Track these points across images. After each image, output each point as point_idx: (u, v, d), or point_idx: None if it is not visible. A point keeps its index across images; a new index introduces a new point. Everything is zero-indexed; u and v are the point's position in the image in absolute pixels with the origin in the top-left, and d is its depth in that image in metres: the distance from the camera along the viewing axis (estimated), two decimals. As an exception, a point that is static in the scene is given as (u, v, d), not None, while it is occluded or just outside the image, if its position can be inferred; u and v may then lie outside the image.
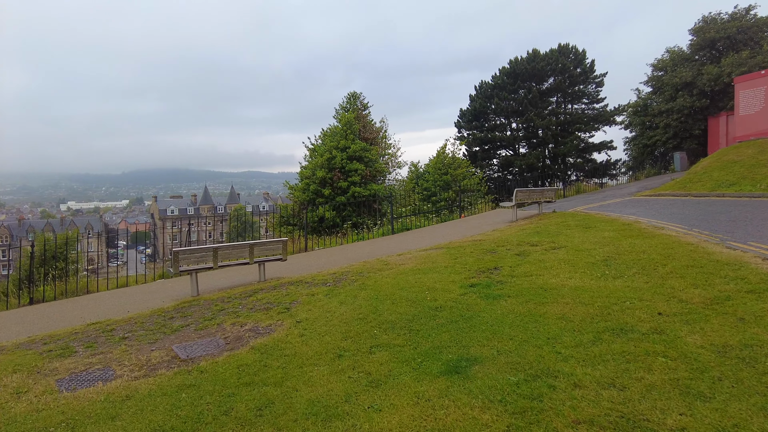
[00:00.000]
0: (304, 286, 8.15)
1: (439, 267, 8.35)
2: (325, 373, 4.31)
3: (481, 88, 48.27)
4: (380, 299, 6.55)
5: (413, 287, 7.06)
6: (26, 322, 8.07)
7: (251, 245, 9.10)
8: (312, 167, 22.37)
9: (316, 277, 8.77)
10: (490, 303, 5.96)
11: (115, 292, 10.20)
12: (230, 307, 7.20)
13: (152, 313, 7.52)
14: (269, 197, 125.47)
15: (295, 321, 5.97)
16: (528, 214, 15.59)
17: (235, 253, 9.00)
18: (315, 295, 7.24)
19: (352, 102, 25.30)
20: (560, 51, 46.60)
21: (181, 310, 7.40)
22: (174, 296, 8.95)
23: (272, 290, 8.10)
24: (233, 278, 10.11)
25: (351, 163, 21.63)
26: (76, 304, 9.23)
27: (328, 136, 22.74)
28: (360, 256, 11.58)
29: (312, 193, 21.96)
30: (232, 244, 8.90)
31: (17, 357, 5.59)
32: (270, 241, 9.39)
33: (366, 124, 24.62)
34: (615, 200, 17.90)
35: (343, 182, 21.41)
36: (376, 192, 21.93)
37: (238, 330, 5.97)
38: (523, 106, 44.94)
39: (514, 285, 6.69)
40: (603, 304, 5.57)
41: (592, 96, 46.28)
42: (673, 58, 32.51)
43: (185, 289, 9.58)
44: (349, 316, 5.91)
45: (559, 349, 4.45)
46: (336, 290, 7.42)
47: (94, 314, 8.13)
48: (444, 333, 5.07)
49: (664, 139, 31.28)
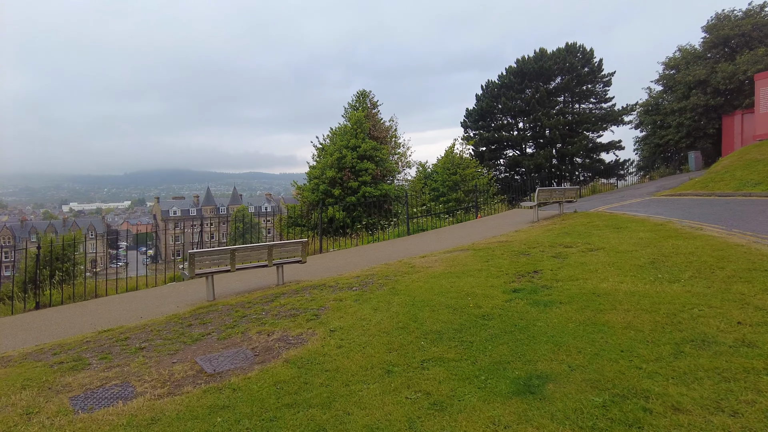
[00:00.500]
0: (328, 290, 7.64)
1: (472, 270, 7.83)
2: (376, 393, 3.79)
3: (488, 87, 47.78)
4: (417, 306, 6.03)
5: (450, 292, 6.54)
6: (33, 329, 7.56)
7: (270, 247, 8.59)
8: (321, 167, 21.87)
9: (339, 281, 8.26)
10: (542, 310, 5.44)
11: (125, 296, 9.69)
12: (252, 313, 6.68)
13: (168, 319, 7.01)
14: (272, 198, 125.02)
15: (329, 330, 5.45)
16: (548, 214, 15.07)
17: (253, 255, 8.50)
18: (343, 301, 6.73)
19: (361, 100, 24.80)
20: (568, 50, 46.11)
21: (198, 317, 6.89)
22: (188, 301, 8.45)
23: (294, 295, 7.59)
24: (250, 281, 9.60)
25: (361, 163, 21.13)
26: (84, 309, 8.72)
27: (337, 135, 22.23)
28: (379, 258, 11.07)
29: (321, 193, 21.45)
30: (250, 246, 8.39)
31: (26, 370, 5.09)
32: (289, 242, 8.88)
33: (376, 122, 24.11)
34: (635, 200, 17.38)
35: (353, 182, 20.90)
36: (387, 192, 21.42)
37: (265, 339, 5.46)
38: (531, 105, 44.44)
39: (562, 290, 6.17)
40: (669, 311, 5.05)
41: (599, 95, 45.76)
42: (685, 57, 31.96)
43: (199, 292, 9.07)
44: (387, 325, 5.40)
45: (639, 364, 3.93)
46: (365, 295, 6.90)
47: (105, 320, 7.62)
48: (501, 345, 4.55)
49: (676, 138, 30.71)
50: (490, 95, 46.75)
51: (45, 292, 9.61)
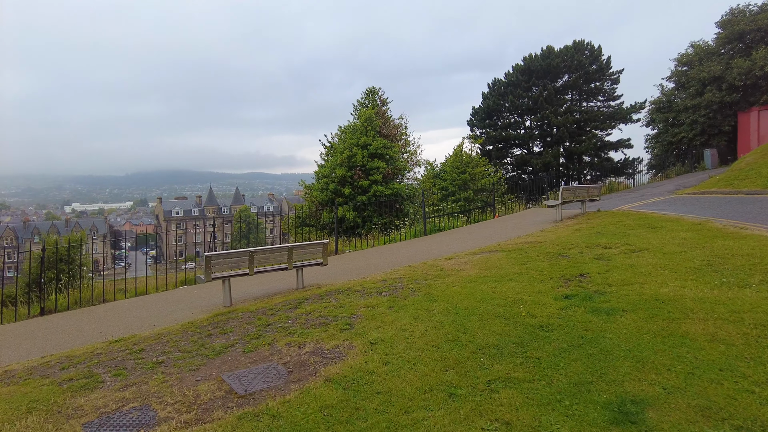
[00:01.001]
0: (356, 295, 7.07)
1: (511, 274, 7.26)
2: (445, 423, 3.22)
3: (495, 85, 47.22)
4: (462, 314, 5.47)
5: (494, 299, 5.97)
6: (38, 338, 7.01)
7: (290, 249, 8.03)
8: (331, 165, 21.31)
9: (365, 285, 7.69)
10: (606, 320, 4.87)
11: (134, 301, 9.14)
12: (277, 322, 6.12)
13: (183, 327, 6.45)
14: (274, 198, 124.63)
15: (368, 342, 4.88)
16: (571, 213, 14.49)
17: (272, 258, 7.93)
18: (375, 308, 6.16)
19: (370, 98, 24.23)
20: (575, 47, 45.50)
21: (217, 325, 6.33)
22: (203, 306, 7.89)
23: (319, 300, 7.02)
24: (267, 285, 9.04)
25: (372, 161, 20.56)
26: (92, 315, 8.17)
27: (347, 133, 21.67)
28: (401, 259, 10.50)
29: (331, 192, 20.89)
30: (270, 248, 7.83)
31: (32, 389, 4.53)
32: (309, 244, 8.31)
33: (386, 120, 23.54)
34: (656, 198, 16.78)
35: (364, 181, 20.33)
36: (399, 191, 20.86)
37: (297, 353, 4.90)
38: (539, 103, 43.85)
39: (620, 296, 5.59)
40: (755, 321, 4.48)
41: (607, 93, 45.16)
42: (698, 53, 31.35)
43: (214, 297, 8.51)
44: (434, 337, 4.83)
45: (749, 387, 3.36)
46: (399, 302, 6.34)
47: (115, 329, 7.07)
48: (574, 362, 3.98)
49: (690, 135, 30.09)
50: (496, 93, 46.18)
51: (50, 297, 9.07)
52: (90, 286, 9.37)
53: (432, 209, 20.71)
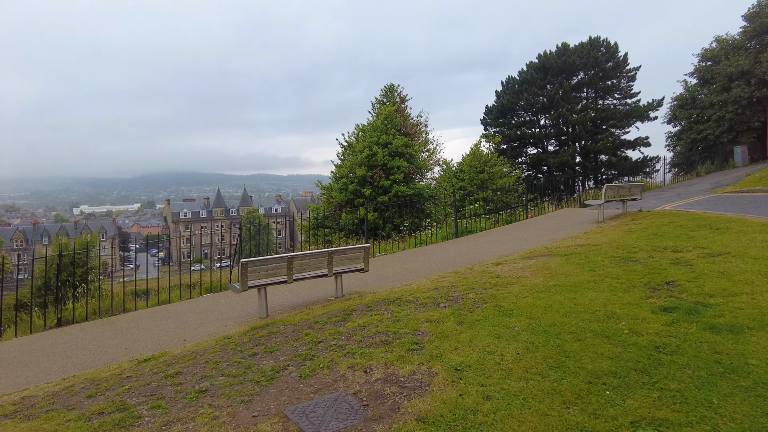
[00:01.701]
0: (409, 306, 6.30)
1: (582, 282, 6.46)
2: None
3: (508, 83, 46.41)
4: (551, 332, 4.69)
5: (580, 312, 5.19)
6: (57, 354, 6.31)
7: (330, 254, 7.28)
8: (350, 165, 20.57)
9: (416, 294, 6.92)
10: (733, 340, 4.07)
11: (157, 310, 8.43)
12: (328, 338, 5.36)
13: (220, 344, 5.71)
14: (281, 199, 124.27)
15: (451, 368, 4.11)
16: (612, 213, 13.66)
17: (312, 264, 7.18)
18: (440, 323, 5.39)
19: (389, 95, 23.48)
20: (591, 44, 44.61)
21: (259, 341, 5.59)
22: (236, 318, 7.16)
23: (368, 312, 6.26)
24: (302, 293, 8.30)
25: (393, 160, 19.80)
26: (114, 327, 7.46)
27: (367, 132, 20.93)
28: (441, 264, 9.73)
29: (350, 193, 20.16)
30: (309, 253, 7.08)
31: (56, 425, 3.80)
32: (351, 248, 7.56)
33: (405, 118, 22.78)
34: (697, 197, 15.91)
35: (385, 181, 19.57)
36: (421, 191, 20.09)
37: (365, 379, 4.14)
38: (555, 101, 42.96)
39: (732, 309, 4.79)
40: None
41: (624, 91, 44.20)
42: (724, 47, 30.34)
43: (246, 307, 7.79)
44: (532, 362, 4.05)
45: None
46: (465, 315, 5.56)
47: (141, 344, 6.35)
48: (729, 397, 3.19)
49: (717, 132, 29.11)
50: (510, 92, 45.34)
51: (67, 306, 8.39)
52: (108, 294, 8.67)
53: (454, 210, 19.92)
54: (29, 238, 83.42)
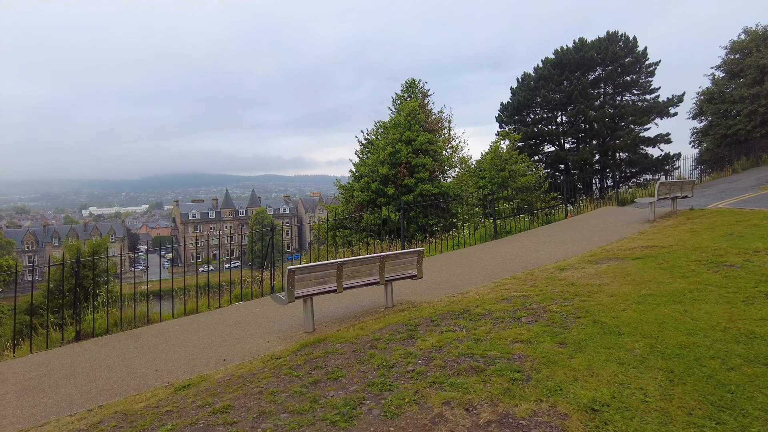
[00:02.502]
0: (481, 320, 5.44)
1: (681, 291, 5.55)
2: None
3: (524, 80, 45.45)
4: (686, 357, 3.79)
5: (704, 330, 4.30)
6: (78, 376, 5.50)
7: (382, 259, 6.42)
8: (372, 163, 19.72)
9: (484, 304, 6.05)
10: None
11: (185, 322, 7.61)
12: (399, 361, 4.50)
13: (268, 366, 4.88)
14: (289, 200, 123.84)
15: (585, 407, 3.24)
16: (661, 211, 12.72)
17: (363, 270, 6.33)
18: (534, 343, 4.51)
19: (410, 90, 22.58)
20: (609, 39, 43.58)
21: (315, 363, 4.74)
22: (277, 331, 6.33)
23: (434, 327, 5.40)
24: (344, 301, 7.46)
25: (417, 158, 18.94)
26: (139, 342, 6.64)
27: (389, 128, 20.06)
28: (491, 268, 8.86)
29: (372, 192, 19.31)
30: (360, 259, 6.23)
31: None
32: (404, 252, 6.69)
33: (427, 114, 21.89)
34: (748, 195, 14.89)
35: (409, 179, 18.70)
36: (446, 190, 19.20)
37: (472, 421, 3.27)
38: (573, 97, 41.90)
39: None
40: None
41: (643, 86, 43.08)
42: (754, 39, 29.15)
43: (286, 318, 6.95)
44: (688, 401, 3.17)
45: None
46: (562, 333, 4.68)
47: (174, 364, 5.53)
48: None
49: (748, 127, 27.93)
50: (526, 88, 44.36)
51: (86, 317, 7.60)
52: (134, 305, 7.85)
53: (482, 210, 19.02)
54: (40, 240, 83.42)
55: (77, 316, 7.31)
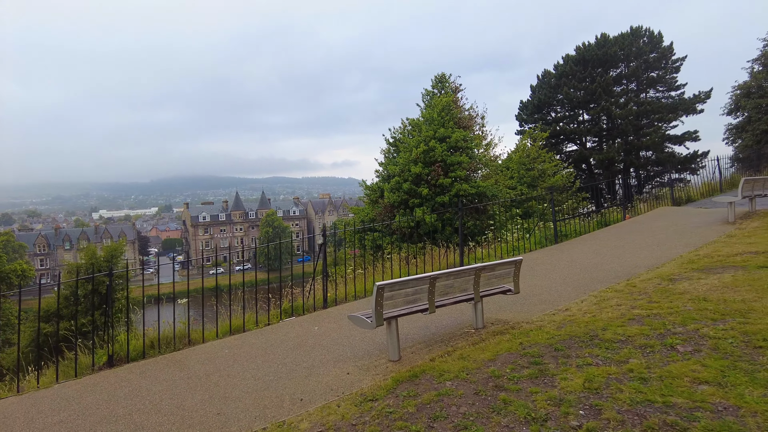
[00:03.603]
0: (621, 348, 4.31)
1: None
2: None
3: (545, 77, 44.24)
4: None
5: None
6: (120, 418, 4.45)
7: (477, 271, 5.31)
8: (403, 162, 18.60)
9: (610, 327, 4.93)
10: None
11: (232, 342, 6.54)
12: (550, 410, 3.39)
13: (363, 410, 3.81)
14: (299, 202, 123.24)
15: None
16: (740, 211, 11.51)
17: (457, 285, 5.24)
18: (727, 387, 3.39)
19: (441, 86, 21.45)
20: (633, 34, 42.27)
21: (428, 410, 3.65)
22: (352, 357, 5.24)
23: (564, 359, 4.29)
24: (421, 320, 6.35)
25: (453, 156, 17.81)
26: (185, 371, 5.58)
27: (422, 125, 18.94)
28: (575, 277, 7.73)
29: (404, 192, 18.20)
30: (454, 271, 5.13)
31: None
32: (500, 263, 5.59)
33: (459, 109, 20.75)
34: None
35: (444, 179, 17.57)
36: (484, 190, 18.04)
37: None
38: (596, 95, 40.62)
39: None
40: None
41: (668, 83, 41.67)
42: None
43: (355, 339, 5.86)
44: None
45: None
46: (760, 372, 3.55)
47: (238, 404, 4.46)
48: None
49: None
50: (547, 86, 43.13)
51: (119, 338, 6.56)
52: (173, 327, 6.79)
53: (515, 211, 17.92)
54: (51, 243, 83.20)
55: (110, 337, 6.27)
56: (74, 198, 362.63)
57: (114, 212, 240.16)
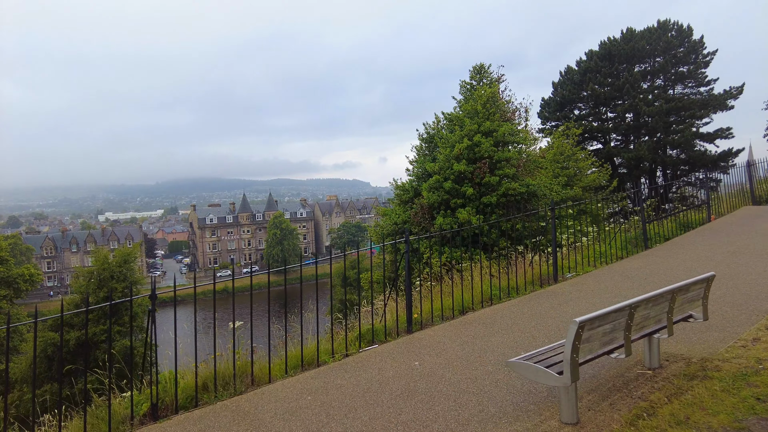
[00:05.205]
0: None
1: None
2: None
3: (567, 74, 42.71)
4: None
5: None
6: None
7: (673, 293, 3.77)
8: (444, 159, 17.04)
9: None
10: None
11: (310, 383, 5.00)
12: None
13: None
14: (306, 204, 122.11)
15: None
16: None
17: (653, 314, 3.70)
18: None
19: (479, 77, 19.89)
20: (660, 27, 40.65)
21: None
22: (495, 414, 3.70)
23: None
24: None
25: (500, 151, 16.26)
26: (257, 427, 4.05)
27: (464, 118, 17.38)
28: (720, 292, 6.16)
29: (446, 192, 16.64)
30: (652, 297, 3.59)
31: None
32: (693, 282, 4.04)
33: (504, 102, 19.20)
34: None
35: (491, 177, 15.99)
36: (534, 189, 16.46)
37: None
38: (624, 90, 39.01)
39: None
40: None
41: (699, 78, 40.00)
42: None
43: (474, 378, 4.31)
44: None
45: None
46: None
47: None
48: None
49: None
50: (571, 82, 41.57)
51: (163, 375, 5.06)
52: (234, 364, 5.25)
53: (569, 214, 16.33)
54: (58, 246, 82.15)
55: (151, 376, 4.77)
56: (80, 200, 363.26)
57: (120, 214, 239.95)
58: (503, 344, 5.29)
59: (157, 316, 4.75)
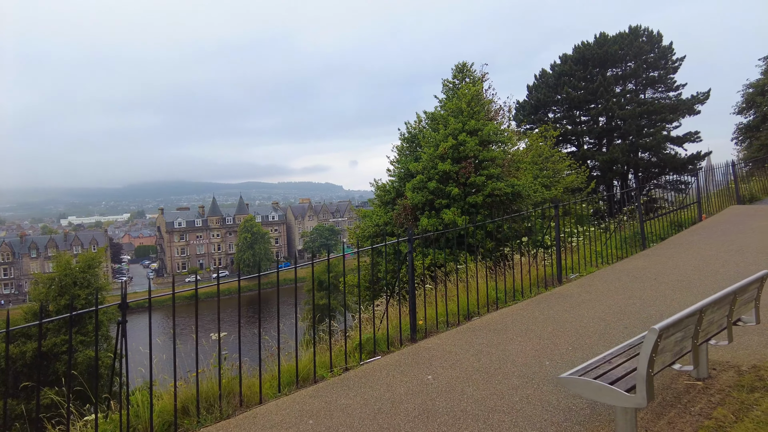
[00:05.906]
0: None
1: None
2: None
3: (542, 77, 43.20)
4: None
5: None
6: None
7: (735, 295, 3.31)
8: (428, 159, 16.57)
9: None
10: None
11: (307, 404, 4.33)
12: None
13: None
14: (278, 207, 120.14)
15: None
16: None
17: (716, 317, 3.22)
18: None
19: (462, 75, 19.48)
20: (632, 33, 41.64)
21: None
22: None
23: None
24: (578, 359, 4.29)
25: (485, 151, 15.90)
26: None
27: (449, 117, 16.95)
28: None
29: (430, 192, 16.16)
30: (718, 299, 3.12)
31: None
32: (749, 282, 3.58)
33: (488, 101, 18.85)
34: None
35: (477, 177, 15.59)
36: (519, 189, 16.15)
37: None
38: (598, 94, 39.68)
39: None
40: None
41: (668, 83, 41.10)
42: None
43: (501, 395, 3.75)
44: None
45: None
46: None
47: None
48: None
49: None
50: (545, 86, 42.05)
51: (132, 398, 4.29)
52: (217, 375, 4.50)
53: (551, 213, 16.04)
54: (16, 251, 77.94)
55: (120, 399, 4.00)
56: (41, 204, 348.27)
57: (84, 219, 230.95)
58: (523, 353, 4.76)
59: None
